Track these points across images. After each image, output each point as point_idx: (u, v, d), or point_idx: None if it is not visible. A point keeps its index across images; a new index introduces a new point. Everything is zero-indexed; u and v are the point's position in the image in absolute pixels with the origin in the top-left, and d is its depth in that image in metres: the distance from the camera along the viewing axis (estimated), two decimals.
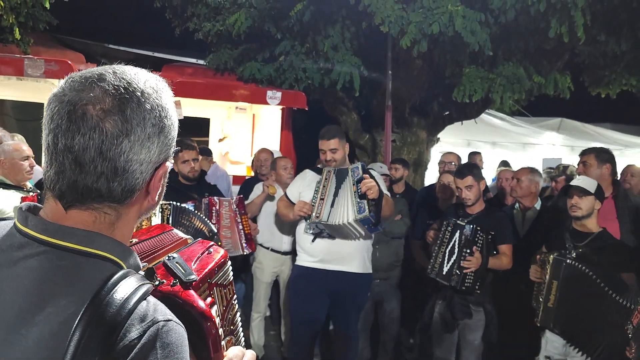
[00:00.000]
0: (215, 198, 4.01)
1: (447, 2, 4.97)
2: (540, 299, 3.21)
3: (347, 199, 3.55)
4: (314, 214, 3.61)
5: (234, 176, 7.22)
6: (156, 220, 3.41)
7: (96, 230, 0.89)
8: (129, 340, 0.79)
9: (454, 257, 3.69)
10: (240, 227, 4.05)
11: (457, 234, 3.70)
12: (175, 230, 1.19)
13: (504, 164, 8.56)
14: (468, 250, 3.61)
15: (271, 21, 6.37)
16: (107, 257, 0.87)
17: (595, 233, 3.25)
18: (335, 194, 3.63)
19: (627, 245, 3.35)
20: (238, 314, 1.22)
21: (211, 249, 1.12)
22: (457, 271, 3.64)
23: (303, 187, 3.88)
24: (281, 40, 6.57)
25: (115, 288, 0.82)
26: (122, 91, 0.87)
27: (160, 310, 0.84)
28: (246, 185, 5.61)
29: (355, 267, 3.77)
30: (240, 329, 1.22)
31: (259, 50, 6.93)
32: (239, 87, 7.16)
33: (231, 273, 1.16)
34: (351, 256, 3.74)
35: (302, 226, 3.80)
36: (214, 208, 3.92)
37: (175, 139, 0.98)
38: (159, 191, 0.97)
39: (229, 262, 1.16)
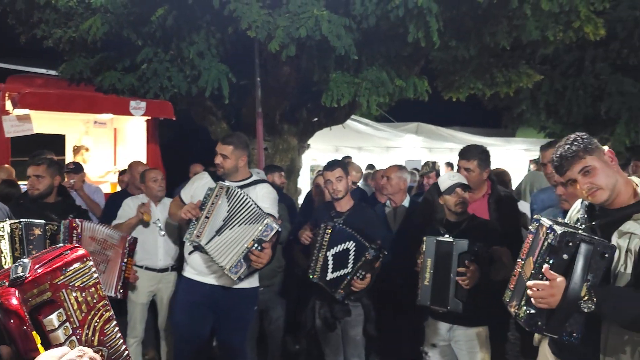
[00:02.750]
0: (78, 220, 3.61)
1: (313, 7, 5.05)
2: (419, 282, 3.30)
3: (236, 244, 3.25)
4: (195, 231, 3.34)
5: None
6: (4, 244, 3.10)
7: None
8: None
9: (346, 271, 3.58)
10: (123, 268, 3.75)
11: (353, 248, 3.58)
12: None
13: (370, 167, 9.00)
14: (364, 273, 3.56)
15: (130, 27, 6.01)
16: None
17: (468, 217, 3.44)
18: (227, 224, 3.30)
19: (496, 224, 3.59)
20: (114, 323, 1.13)
21: (68, 251, 1.08)
22: (345, 286, 3.58)
23: (197, 189, 3.61)
24: (142, 47, 6.23)
25: None
26: None
27: None
28: (112, 200, 5.20)
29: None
30: (120, 341, 1.15)
31: (119, 58, 6.52)
32: (98, 98, 6.67)
33: (94, 275, 1.10)
34: None
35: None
36: (75, 231, 3.56)
37: None
38: None
39: (90, 263, 1.09)
